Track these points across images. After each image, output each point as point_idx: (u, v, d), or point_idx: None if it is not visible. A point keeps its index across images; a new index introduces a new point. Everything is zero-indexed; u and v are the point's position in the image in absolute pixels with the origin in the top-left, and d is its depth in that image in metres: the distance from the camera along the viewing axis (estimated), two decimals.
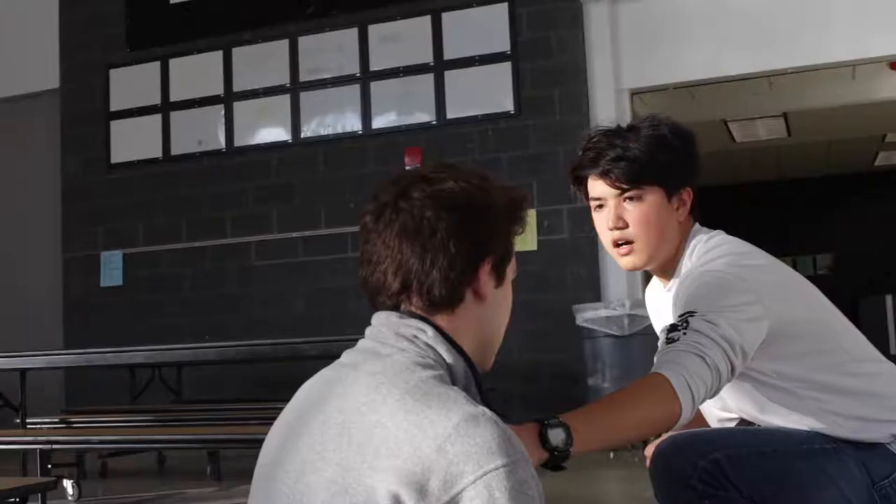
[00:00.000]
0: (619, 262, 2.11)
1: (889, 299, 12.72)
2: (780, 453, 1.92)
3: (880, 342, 12.06)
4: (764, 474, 1.89)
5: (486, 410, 1.26)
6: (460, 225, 1.38)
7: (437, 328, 1.39)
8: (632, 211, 2.04)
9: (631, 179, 2.03)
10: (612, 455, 5.73)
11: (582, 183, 2.13)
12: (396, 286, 1.41)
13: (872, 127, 10.95)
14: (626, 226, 2.04)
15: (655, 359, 1.82)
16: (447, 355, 1.37)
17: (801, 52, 6.67)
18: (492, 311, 1.46)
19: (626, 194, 2.04)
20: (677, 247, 2.08)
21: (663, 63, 6.91)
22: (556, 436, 1.58)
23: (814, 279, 2.16)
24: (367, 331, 1.46)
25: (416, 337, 1.38)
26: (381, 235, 1.42)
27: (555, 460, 1.58)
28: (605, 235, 2.09)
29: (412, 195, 1.40)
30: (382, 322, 1.43)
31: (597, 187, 2.08)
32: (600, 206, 2.09)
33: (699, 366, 1.75)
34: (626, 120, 2.20)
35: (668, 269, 2.11)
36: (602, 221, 2.09)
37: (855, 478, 1.93)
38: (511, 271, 1.48)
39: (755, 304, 1.87)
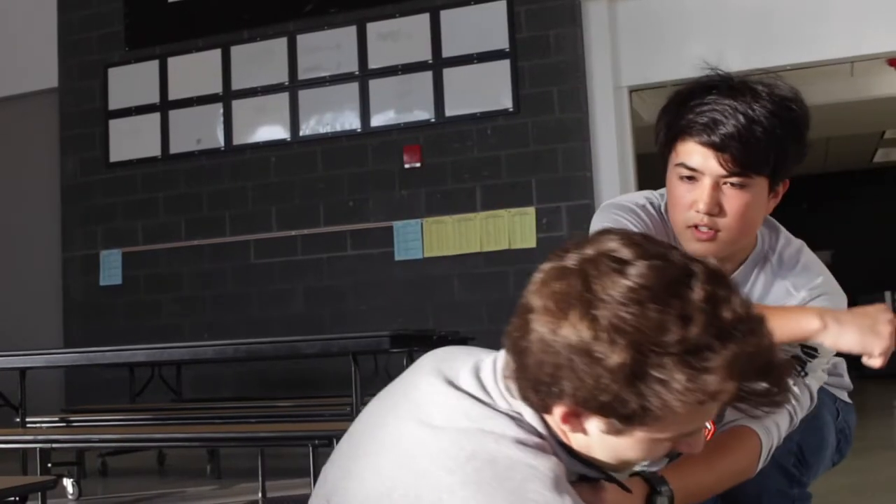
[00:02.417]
0: (687, 246, 1.77)
1: (888, 296, 12.73)
2: (810, 418, 1.85)
3: None
4: (815, 443, 1.88)
5: (567, 502, 1.17)
6: (550, 357, 1.18)
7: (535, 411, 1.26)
8: (732, 198, 1.73)
9: (747, 164, 1.70)
10: None
11: (673, 141, 1.78)
12: (507, 346, 1.28)
13: (871, 124, 10.96)
14: (722, 213, 1.74)
15: None
16: (544, 432, 1.27)
17: (799, 48, 6.67)
18: (593, 445, 1.26)
19: (733, 179, 1.72)
20: None
21: (662, 61, 6.91)
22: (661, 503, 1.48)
23: None
24: (501, 353, 1.33)
25: (516, 399, 1.27)
26: (532, 284, 1.25)
27: None
28: (686, 215, 1.77)
29: (553, 288, 1.20)
30: (502, 367, 1.31)
31: (697, 157, 1.73)
32: (691, 179, 1.75)
33: (786, 426, 1.69)
34: (625, 119, 2.11)
35: (726, 262, 1.82)
36: (687, 196, 1.75)
37: (831, 423, 1.98)
38: (654, 435, 1.22)
39: None
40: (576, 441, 1.26)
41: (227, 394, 7.36)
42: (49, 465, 4.79)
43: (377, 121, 7.42)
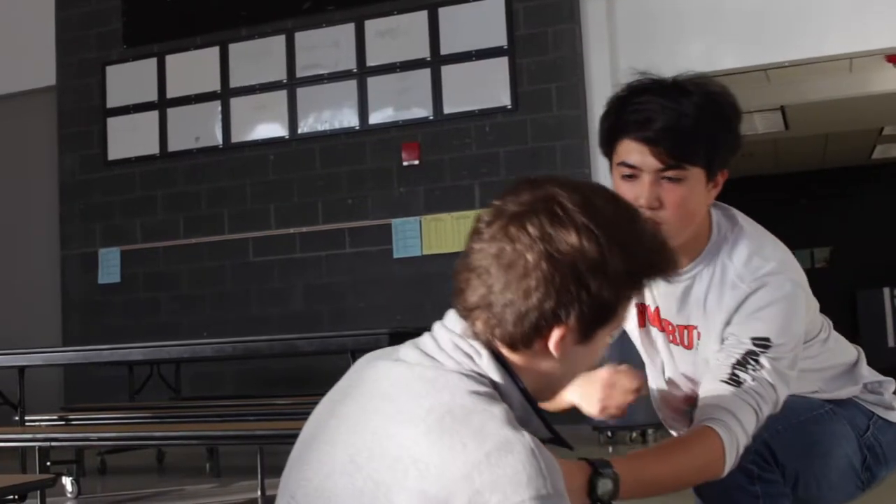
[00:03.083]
0: None
1: (887, 292, 12.74)
2: (804, 423, 1.92)
3: (878, 335, 12.08)
4: (798, 448, 1.88)
5: (526, 436, 1.22)
6: (554, 283, 1.27)
7: (496, 353, 1.33)
8: (670, 191, 1.80)
9: (681, 155, 1.78)
10: (610, 449, 5.74)
11: (613, 142, 1.86)
12: (471, 303, 1.34)
13: (870, 120, 10.97)
14: (661, 206, 1.80)
15: (711, 387, 1.76)
16: (501, 381, 1.33)
17: (798, 45, 6.68)
18: (563, 363, 1.36)
19: (669, 173, 1.79)
20: (697, 230, 1.90)
21: (660, 57, 6.85)
22: (605, 487, 1.53)
23: (812, 273, 2.18)
24: (435, 326, 1.42)
25: (470, 356, 1.33)
26: (481, 244, 1.33)
27: None
28: None
29: (527, 226, 1.29)
30: (450, 326, 1.39)
31: (635, 154, 1.81)
32: (631, 177, 1.83)
33: (751, 422, 1.71)
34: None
35: (683, 253, 1.88)
36: (629, 193, 1.81)
37: (850, 435, 1.97)
38: (608, 332, 1.38)
39: (803, 324, 1.86)
40: (544, 366, 1.35)
41: (225, 392, 7.36)
42: (48, 463, 4.79)
43: (375, 118, 7.41)
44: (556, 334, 1.31)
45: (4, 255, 8.56)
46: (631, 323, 2.08)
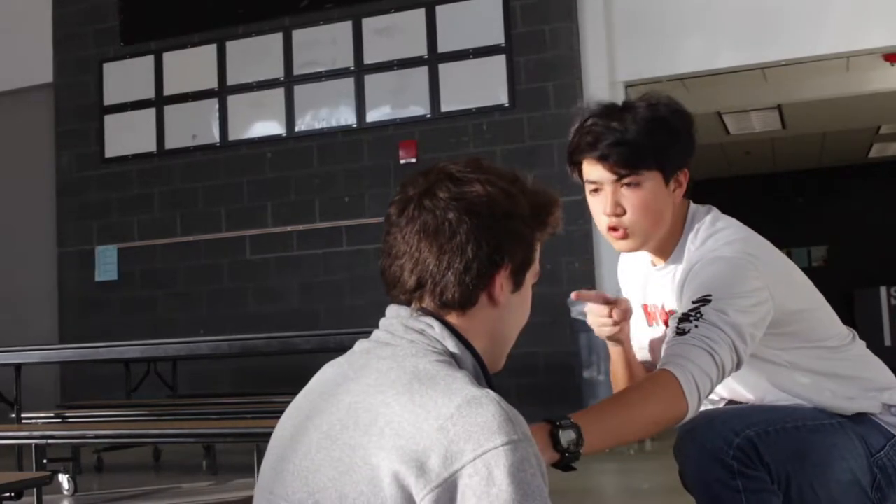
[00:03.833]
0: (613, 245, 2.06)
1: (883, 291, 12.74)
2: (800, 429, 1.95)
3: (874, 334, 12.09)
4: (788, 451, 1.91)
5: (490, 392, 1.29)
6: (481, 230, 1.40)
7: (446, 324, 1.42)
8: (630, 197, 1.98)
9: (629, 164, 1.96)
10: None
11: (578, 165, 2.06)
12: (411, 283, 1.43)
13: (867, 118, 10.97)
14: (624, 212, 1.98)
15: (664, 349, 1.84)
16: (455, 349, 1.40)
17: (795, 44, 6.68)
18: (506, 314, 1.48)
19: (625, 180, 1.97)
20: (673, 227, 2.04)
21: (657, 55, 6.91)
22: (567, 437, 1.60)
23: (809, 271, 2.18)
24: (381, 322, 1.49)
25: (423, 331, 1.41)
26: (402, 230, 1.43)
27: (565, 461, 1.60)
28: (601, 220, 2.03)
29: (437, 194, 1.42)
30: (394, 315, 1.46)
31: (593, 171, 2.01)
32: (596, 191, 2.03)
33: (707, 362, 1.77)
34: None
35: (664, 249, 2.07)
36: (598, 205, 2.03)
37: (857, 450, 1.98)
38: (532, 276, 1.50)
39: (763, 290, 1.89)
40: (490, 322, 1.45)
41: (222, 389, 7.36)
42: (45, 460, 4.78)
43: (373, 116, 7.41)
44: (497, 281, 1.42)
45: (1, 253, 8.55)
46: (640, 330, 2.12)
